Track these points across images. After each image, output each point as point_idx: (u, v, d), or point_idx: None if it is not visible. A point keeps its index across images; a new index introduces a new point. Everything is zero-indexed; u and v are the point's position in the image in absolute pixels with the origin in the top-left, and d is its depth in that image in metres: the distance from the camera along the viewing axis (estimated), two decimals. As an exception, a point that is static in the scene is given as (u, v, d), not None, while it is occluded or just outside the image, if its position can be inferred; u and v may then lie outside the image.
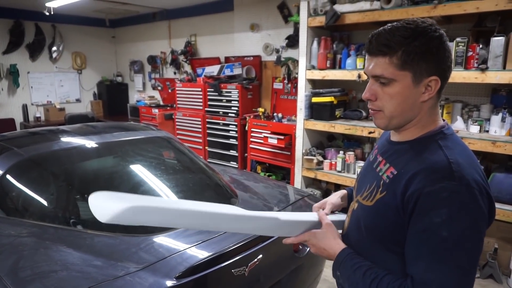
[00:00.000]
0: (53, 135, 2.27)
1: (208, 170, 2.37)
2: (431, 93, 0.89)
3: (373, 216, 0.95)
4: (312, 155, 3.93)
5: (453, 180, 0.81)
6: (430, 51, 0.86)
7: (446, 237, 0.79)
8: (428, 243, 0.81)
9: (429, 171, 0.84)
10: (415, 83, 0.88)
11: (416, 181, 0.84)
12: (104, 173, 2.22)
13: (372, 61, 0.91)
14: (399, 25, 0.88)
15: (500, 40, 2.69)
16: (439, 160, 0.85)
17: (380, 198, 0.93)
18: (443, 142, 0.89)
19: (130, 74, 7.54)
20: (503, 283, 2.84)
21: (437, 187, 0.81)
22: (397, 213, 0.87)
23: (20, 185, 1.89)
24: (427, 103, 0.91)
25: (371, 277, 0.88)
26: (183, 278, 1.33)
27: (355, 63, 3.52)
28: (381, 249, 0.94)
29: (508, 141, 2.71)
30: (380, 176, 0.97)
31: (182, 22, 6.17)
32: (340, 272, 0.97)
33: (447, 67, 0.90)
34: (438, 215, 0.80)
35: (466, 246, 0.80)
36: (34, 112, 6.77)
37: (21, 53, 6.58)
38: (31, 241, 1.55)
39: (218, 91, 4.94)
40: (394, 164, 0.94)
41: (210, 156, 5.20)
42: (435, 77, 0.88)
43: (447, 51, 0.88)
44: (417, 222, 0.83)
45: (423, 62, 0.86)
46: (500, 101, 3.04)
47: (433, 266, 0.80)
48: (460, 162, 0.84)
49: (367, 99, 0.95)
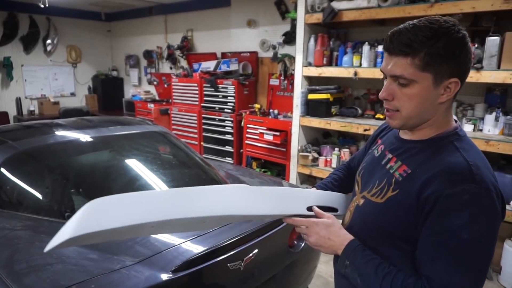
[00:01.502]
0: (48, 128, 2.25)
1: (204, 165, 2.37)
2: (449, 94, 0.88)
3: (383, 213, 0.94)
4: (307, 151, 3.94)
5: (474, 183, 0.81)
6: (452, 53, 0.84)
7: (466, 240, 0.79)
8: (448, 244, 0.81)
9: (449, 173, 0.83)
10: (435, 85, 0.86)
11: (436, 182, 0.83)
12: (99, 167, 2.21)
13: (392, 61, 0.88)
14: (421, 24, 0.85)
15: (495, 40, 2.71)
16: (458, 162, 0.84)
17: (392, 196, 0.92)
18: (458, 143, 0.89)
19: (126, 68, 7.49)
20: (493, 280, 2.89)
21: (459, 189, 0.81)
22: (410, 212, 0.87)
23: (14, 178, 1.88)
24: (444, 104, 0.90)
25: (384, 271, 0.88)
26: (179, 272, 1.33)
27: (352, 60, 3.53)
28: (386, 246, 0.93)
29: (501, 140, 2.74)
30: (391, 173, 0.95)
31: (179, 16, 6.13)
32: (350, 262, 0.94)
33: (467, 69, 0.88)
34: (459, 217, 0.80)
35: (484, 249, 0.81)
36: (28, 106, 6.70)
37: (15, 46, 6.50)
38: (26, 234, 1.55)
39: (214, 87, 4.93)
40: (407, 163, 0.93)
41: (205, 151, 5.20)
42: (456, 79, 0.86)
43: (469, 52, 0.87)
44: (436, 223, 0.83)
45: (445, 63, 0.84)
46: (494, 100, 3.08)
47: (454, 268, 0.80)
48: (478, 164, 0.84)
49: (384, 99, 0.93)
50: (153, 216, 0.83)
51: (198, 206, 0.90)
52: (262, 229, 1.70)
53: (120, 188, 2.07)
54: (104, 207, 0.80)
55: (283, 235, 1.87)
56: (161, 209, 0.85)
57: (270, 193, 1.03)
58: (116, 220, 0.79)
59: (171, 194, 0.92)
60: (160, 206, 0.86)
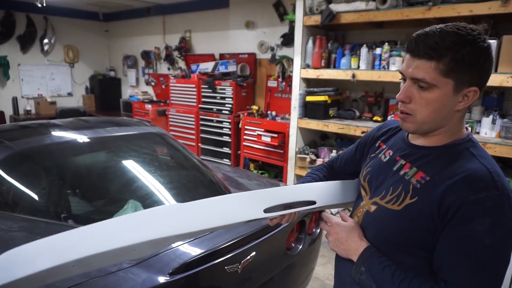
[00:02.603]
0: (45, 128, 2.24)
1: (202, 167, 2.36)
2: (467, 103, 0.88)
3: (400, 220, 0.92)
4: (305, 153, 3.94)
5: (497, 190, 0.82)
6: (477, 61, 0.84)
7: (488, 246, 0.80)
8: (469, 250, 0.82)
9: (472, 180, 0.84)
10: (455, 92, 0.86)
11: (459, 189, 0.84)
12: (96, 168, 2.20)
13: (414, 63, 0.87)
14: (449, 29, 0.84)
15: (493, 43, 2.73)
16: (479, 169, 0.85)
17: (410, 203, 0.91)
18: (475, 150, 0.90)
19: (123, 69, 7.47)
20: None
21: (482, 196, 0.81)
22: (430, 219, 0.87)
23: (10, 179, 1.86)
24: (460, 112, 0.91)
25: (400, 277, 0.88)
26: (176, 275, 1.33)
27: (350, 62, 3.54)
28: (400, 252, 0.93)
29: (498, 143, 2.75)
30: (407, 180, 0.94)
31: (177, 17, 6.13)
32: (366, 268, 0.94)
33: (488, 78, 0.89)
34: (482, 224, 0.80)
35: (504, 255, 0.82)
36: (24, 105, 6.67)
37: (12, 45, 6.47)
38: (22, 235, 1.53)
39: (212, 88, 4.92)
40: (424, 169, 0.92)
41: (203, 153, 5.19)
42: (475, 88, 0.86)
43: (491, 62, 0.87)
44: (458, 229, 0.83)
45: (468, 71, 0.84)
46: (491, 103, 3.09)
47: (474, 273, 0.81)
48: (498, 171, 0.85)
49: (401, 101, 0.92)
50: (72, 255, 0.78)
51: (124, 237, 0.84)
52: (260, 232, 1.70)
53: (117, 190, 2.06)
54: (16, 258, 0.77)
55: (280, 238, 1.87)
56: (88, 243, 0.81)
57: (212, 203, 0.97)
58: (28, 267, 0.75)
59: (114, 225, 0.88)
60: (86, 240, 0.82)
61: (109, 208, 1.90)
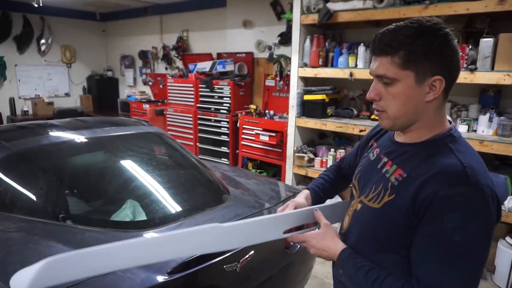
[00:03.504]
0: (42, 129, 2.23)
1: (200, 166, 2.36)
2: (436, 93, 0.88)
3: (380, 218, 0.94)
4: (303, 152, 3.95)
5: (469, 185, 0.81)
6: (433, 50, 0.85)
7: (458, 242, 0.80)
8: (439, 246, 0.81)
9: (444, 175, 0.83)
10: (418, 83, 0.87)
11: (430, 185, 0.83)
12: (94, 168, 2.20)
13: (376, 61, 0.91)
14: (402, 24, 0.87)
15: (489, 42, 2.74)
16: (453, 164, 0.84)
17: (388, 201, 0.92)
18: (454, 145, 0.89)
19: (121, 69, 7.45)
20: (487, 280, 2.91)
21: (452, 192, 0.81)
22: (407, 216, 0.87)
23: (8, 179, 1.86)
24: (432, 104, 0.90)
25: (373, 276, 0.88)
26: (175, 274, 1.33)
27: (347, 61, 3.55)
28: (384, 250, 0.93)
29: (495, 140, 2.76)
30: (387, 178, 0.95)
31: (174, 17, 6.12)
32: (342, 271, 0.97)
33: (453, 67, 0.88)
34: (452, 220, 0.80)
35: (476, 251, 0.81)
36: (21, 106, 6.64)
37: (8, 45, 6.44)
38: (20, 236, 1.53)
39: (210, 88, 4.92)
40: (402, 167, 0.92)
41: (201, 152, 5.19)
42: (439, 77, 0.86)
43: (453, 50, 0.87)
44: (429, 225, 0.83)
45: (426, 61, 0.85)
46: (488, 101, 3.10)
47: (443, 269, 0.80)
48: (474, 166, 0.83)
49: (371, 99, 0.95)
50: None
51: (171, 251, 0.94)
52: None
53: (115, 190, 2.05)
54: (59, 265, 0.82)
55: (279, 236, 1.87)
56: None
57: (243, 226, 1.04)
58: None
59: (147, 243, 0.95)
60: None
61: (107, 208, 1.90)
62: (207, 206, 1.89)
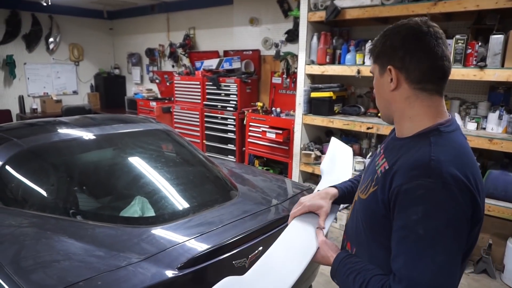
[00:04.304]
0: (52, 126, 2.26)
1: (208, 163, 2.38)
2: (394, 82, 0.93)
3: (365, 209, 0.97)
4: (310, 150, 3.94)
5: (430, 178, 0.81)
6: (391, 44, 0.93)
7: (422, 235, 0.80)
8: (406, 240, 0.82)
9: (408, 168, 0.85)
10: (381, 74, 0.97)
11: (397, 177, 0.86)
12: (104, 165, 2.22)
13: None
14: (382, 33, 0.99)
15: (499, 38, 2.70)
16: (419, 157, 0.85)
17: (372, 191, 0.94)
18: (435, 138, 0.88)
19: (128, 66, 7.50)
20: (496, 278, 2.89)
21: (414, 185, 0.82)
22: (384, 208, 0.89)
23: (19, 176, 1.89)
24: (398, 94, 0.94)
25: (359, 281, 0.91)
26: (185, 269, 1.34)
27: (355, 58, 3.53)
28: (374, 243, 0.95)
29: (504, 138, 2.74)
30: (376, 170, 0.98)
31: (181, 15, 6.13)
32: (336, 278, 1.02)
33: (404, 56, 0.90)
34: (415, 213, 0.81)
35: (443, 243, 0.80)
36: (30, 104, 6.72)
37: (18, 44, 6.52)
38: (32, 231, 1.55)
39: (217, 85, 4.93)
40: (388, 159, 0.94)
41: (208, 149, 5.21)
42: (390, 66, 0.93)
43: (424, 43, 0.89)
44: (397, 219, 0.85)
45: (389, 53, 0.94)
46: (497, 98, 3.07)
47: (412, 263, 0.80)
48: (441, 159, 0.83)
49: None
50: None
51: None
52: (267, 227, 1.71)
53: (124, 186, 2.08)
54: None
55: (287, 232, 1.87)
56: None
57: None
58: None
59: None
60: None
61: (117, 204, 1.92)
62: (215, 203, 1.90)
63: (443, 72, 0.91)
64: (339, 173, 1.47)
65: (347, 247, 1.08)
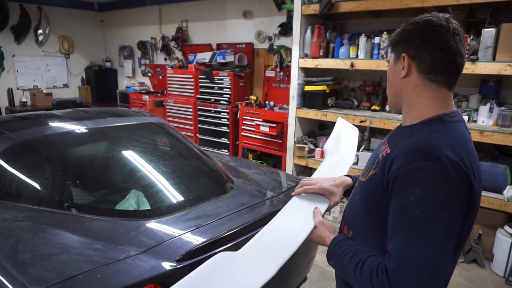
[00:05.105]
0: (45, 119, 2.23)
1: (203, 156, 2.38)
2: (405, 70, 0.96)
3: (364, 191, 1.01)
4: (303, 143, 3.96)
5: (428, 160, 0.84)
6: (409, 33, 0.96)
7: (418, 215, 0.83)
8: (402, 220, 0.85)
9: (408, 151, 0.88)
10: (395, 62, 1.00)
11: (396, 161, 0.89)
12: (98, 158, 2.20)
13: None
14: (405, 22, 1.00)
15: (491, 32, 2.74)
16: (419, 141, 0.88)
17: (372, 174, 0.98)
18: (437, 126, 0.91)
19: (120, 59, 7.41)
20: (485, 268, 2.96)
21: (412, 167, 0.85)
22: (382, 190, 0.92)
23: (13, 169, 1.87)
24: (408, 82, 0.97)
25: (355, 261, 0.93)
26: (183, 261, 1.35)
27: (348, 52, 3.54)
28: (372, 227, 0.98)
29: (495, 130, 2.79)
30: (377, 155, 1.01)
31: (173, 7, 6.06)
32: (333, 261, 1.04)
33: (419, 45, 0.93)
34: (412, 194, 0.84)
35: (439, 224, 0.82)
36: (20, 97, 6.61)
37: (6, 35, 6.38)
38: (28, 225, 1.54)
39: (210, 78, 4.91)
40: (391, 145, 0.97)
41: (201, 143, 5.19)
42: (404, 54, 0.96)
43: (426, 32, 0.93)
44: (395, 200, 0.87)
45: (405, 42, 0.97)
46: (488, 91, 3.12)
47: (408, 242, 0.83)
48: (441, 144, 0.86)
49: None
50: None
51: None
52: (262, 220, 1.72)
53: (119, 179, 2.07)
54: None
55: (283, 225, 1.89)
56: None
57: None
58: None
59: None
60: None
61: (112, 198, 1.91)
62: (211, 196, 1.91)
63: (454, 67, 0.94)
64: (343, 154, 1.48)
65: (344, 231, 1.10)
